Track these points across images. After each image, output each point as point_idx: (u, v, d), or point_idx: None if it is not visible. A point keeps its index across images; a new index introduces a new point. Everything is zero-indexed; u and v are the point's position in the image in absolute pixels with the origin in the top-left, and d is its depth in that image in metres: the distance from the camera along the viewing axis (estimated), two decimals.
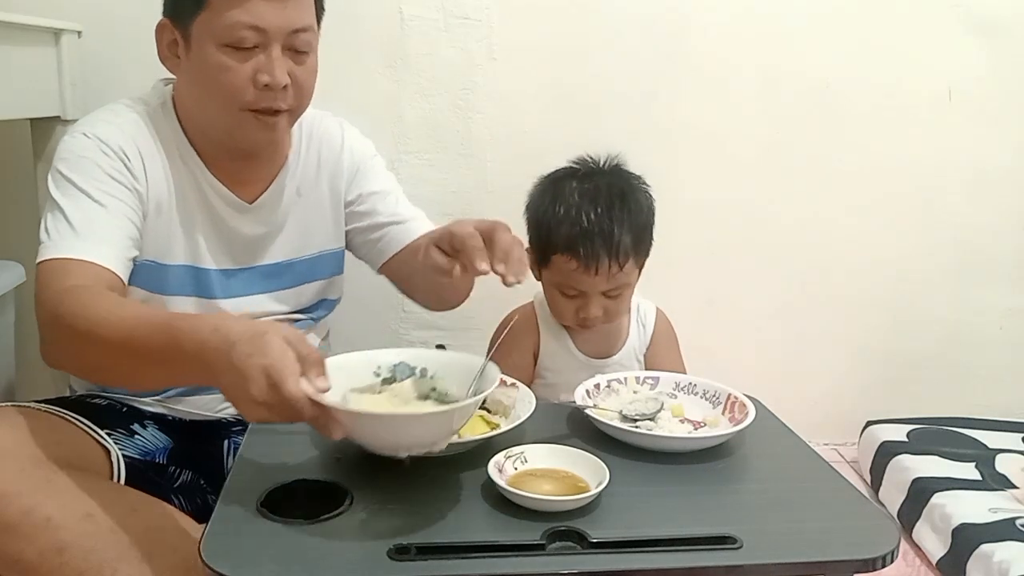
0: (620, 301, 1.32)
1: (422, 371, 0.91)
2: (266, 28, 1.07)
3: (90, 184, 1.08)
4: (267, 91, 1.09)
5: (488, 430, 1.01)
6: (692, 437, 1.04)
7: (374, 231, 1.33)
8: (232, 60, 1.08)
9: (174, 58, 1.13)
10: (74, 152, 1.10)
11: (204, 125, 1.17)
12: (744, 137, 1.78)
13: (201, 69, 1.09)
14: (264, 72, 1.08)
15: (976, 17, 1.78)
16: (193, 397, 1.23)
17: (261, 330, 0.78)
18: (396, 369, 0.91)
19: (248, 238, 1.23)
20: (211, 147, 1.18)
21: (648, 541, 0.82)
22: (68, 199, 1.07)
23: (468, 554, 0.79)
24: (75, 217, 1.05)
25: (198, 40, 1.08)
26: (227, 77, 1.08)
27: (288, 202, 1.26)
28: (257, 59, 1.08)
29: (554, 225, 1.28)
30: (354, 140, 1.34)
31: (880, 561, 0.81)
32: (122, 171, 1.11)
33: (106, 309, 0.93)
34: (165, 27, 1.12)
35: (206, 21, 1.07)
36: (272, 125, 1.13)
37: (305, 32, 1.11)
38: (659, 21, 1.70)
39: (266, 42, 1.08)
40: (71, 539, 0.89)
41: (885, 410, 1.90)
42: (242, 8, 1.05)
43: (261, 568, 0.76)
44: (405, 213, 1.34)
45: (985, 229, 1.90)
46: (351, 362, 0.92)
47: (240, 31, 1.06)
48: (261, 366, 0.76)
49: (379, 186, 1.34)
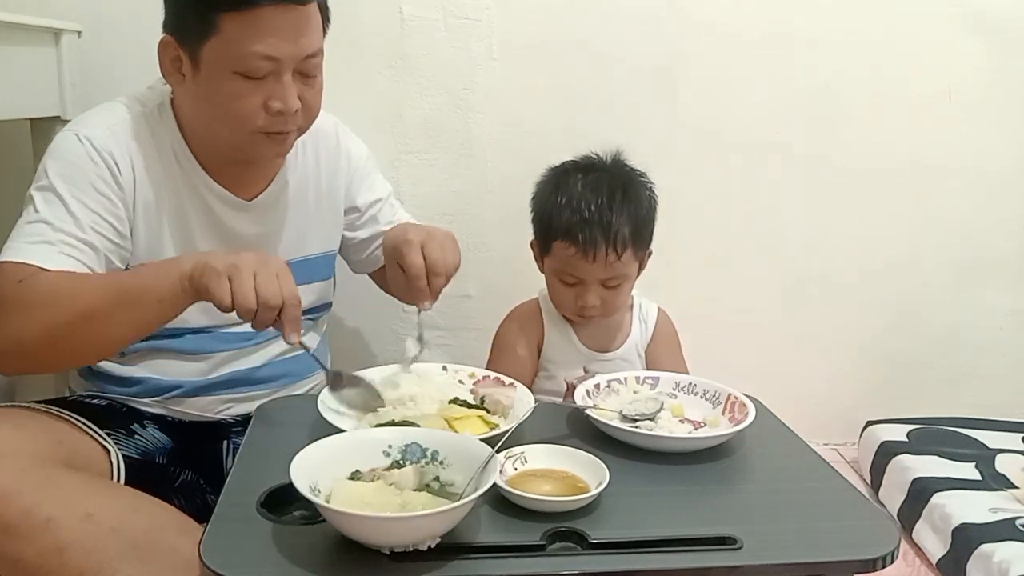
0: (618, 293, 1.33)
1: (433, 454, 0.89)
2: (280, 58, 1.07)
3: (71, 192, 1.08)
4: (279, 116, 1.09)
5: (487, 430, 1.01)
6: (692, 437, 1.04)
7: (375, 240, 1.36)
8: (244, 88, 1.07)
9: (177, 75, 1.11)
10: (63, 154, 1.10)
11: (208, 138, 1.17)
12: (744, 137, 1.78)
13: (210, 93, 1.09)
14: (276, 99, 1.08)
15: (976, 17, 1.77)
16: (193, 399, 1.23)
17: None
18: (406, 451, 0.89)
19: (245, 238, 1.23)
20: (211, 152, 1.18)
21: (648, 541, 0.82)
22: (46, 204, 1.07)
23: (468, 555, 0.79)
24: (46, 224, 1.05)
25: (208, 64, 1.07)
26: (239, 104, 1.08)
27: (286, 201, 1.26)
28: (268, 86, 1.08)
29: (555, 213, 1.31)
30: (350, 142, 1.35)
31: (880, 561, 0.81)
32: (107, 180, 1.10)
33: (71, 275, 1.04)
34: (169, 44, 1.10)
35: (217, 47, 1.06)
36: (281, 142, 1.14)
37: (315, 57, 1.11)
38: (660, 21, 1.70)
39: (278, 70, 1.07)
40: (71, 539, 0.89)
41: (885, 410, 1.90)
42: (257, 39, 1.05)
43: (261, 568, 0.76)
44: (399, 218, 1.38)
45: (985, 229, 1.90)
46: (361, 440, 0.90)
47: (254, 61, 1.05)
48: (277, 261, 0.99)
49: (378, 193, 1.38)
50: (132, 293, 1.00)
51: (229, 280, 0.95)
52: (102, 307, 1.00)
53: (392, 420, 1.02)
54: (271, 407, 1.14)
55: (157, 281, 1.00)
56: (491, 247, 1.75)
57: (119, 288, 1.01)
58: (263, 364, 1.27)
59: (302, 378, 1.33)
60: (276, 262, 0.99)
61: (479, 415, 1.05)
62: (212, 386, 1.24)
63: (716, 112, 1.76)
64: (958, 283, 1.92)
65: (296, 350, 1.31)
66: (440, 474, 0.88)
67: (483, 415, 1.06)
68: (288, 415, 1.10)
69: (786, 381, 1.73)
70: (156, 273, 1.01)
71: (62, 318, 0.99)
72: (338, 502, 0.79)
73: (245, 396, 1.26)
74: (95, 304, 0.99)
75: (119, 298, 1.00)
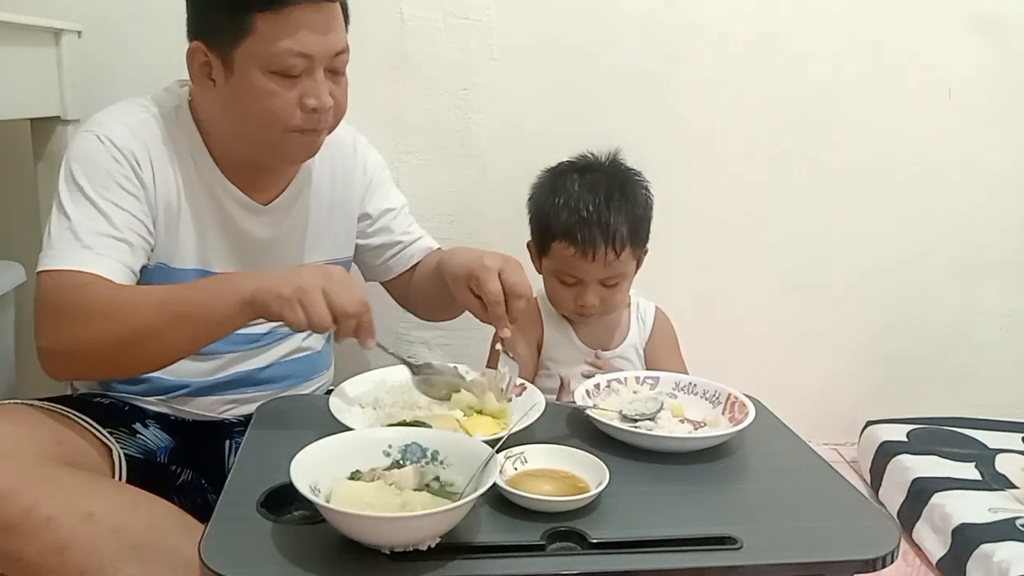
0: (617, 291, 1.34)
1: (433, 454, 0.89)
2: (313, 55, 1.08)
3: (99, 193, 1.08)
4: (313, 114, 1.10)
5: (499, 431, 1.00)
6: (692, 437, 1.04)
7: (387, 249, 1.38)
8: (279, 86, 1.08)
9: (207, 80, 1.11)
10: (86, 155, 1.10)
11: (232, 141, 1.17)
12: (744, 137, 1.78)
13: (244, 94, 1.09)
14: (311, 96, 1.09)
15: (976, 17, 1.78)
16: (199, 398, 1.24)
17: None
18: (406, 451, 0.89)
19: (259, 241, 1.23)
20: (230, 156, 1.18)
21: (648, 541, 0.82)
22: (76, 207, 1.07)
23: (468, 555, 0.79)
24: (81, 227, 1.06)
25: (242, 66, 1.08)
26: (275, 102, 1.08)
27: (300, 206, 1.27)
28: (302, 84, 1.09)
29: (554, 214, 1.32)
30: (368, 152, 1.37)
31: (880, 561, 0.81)
32: (131, 178, 1.11)
33: (126, 288, 1.05)
34: (197, 51, 1.10)
35: (251, 48, 1.06)
36: (314, 140, 1.15)
37: (344, 53, 1.13)
38: (659, 21, 1.70)
39: (311, 67, 1.08)
40: (72, 538, 0.89)
41: (885, 410, 1.90)
42: (291, 37, 1.05)
43: (261, 568, 0.76)
44: (414, 231, 1.41)
45: (985, 229, 1.90)
46: (361, 440, 0.90)
47: (289, 59, 1.06)
48: (338, 271, 1.01)
49: (393, 203, 1.39)
50: (188, 314, 1.02)
51: (300, 304, 0.96)
52: (157, 325, 1.01)
53: (403, 420, 1.02)
54: (271, 407, 1.14)
55: (213, 303, 1.01)
56: (491, 247, 1.71)
57: (175, 308, 1.02)
58: (268, 365, 1.28)
59: (307, 379, 1.34)
60: (338, 272, 1.01)
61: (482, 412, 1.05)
62: (218, 386, 1.24)
63: (716, 112, 1.76)
64: (958, 283, 1.93)
65: (303, 351, 1.32)
66: (440, 474, 0.88)
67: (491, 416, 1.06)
68: (289, 415, 1.10)
69: (786, 381, 1.73)
70: (212, 294, 1.02)
71: (118, 332, 1.00)
72: (338, 502, 0.79)
73: (250, 396, 1.26)
74: (150, 322, 1.01)
75: (175, 318, 1.01)
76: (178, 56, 1.13)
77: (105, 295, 1.03)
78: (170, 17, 1.15)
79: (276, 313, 0.98)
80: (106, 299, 1.02)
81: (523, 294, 1.12)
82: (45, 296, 1.04)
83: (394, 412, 1.05)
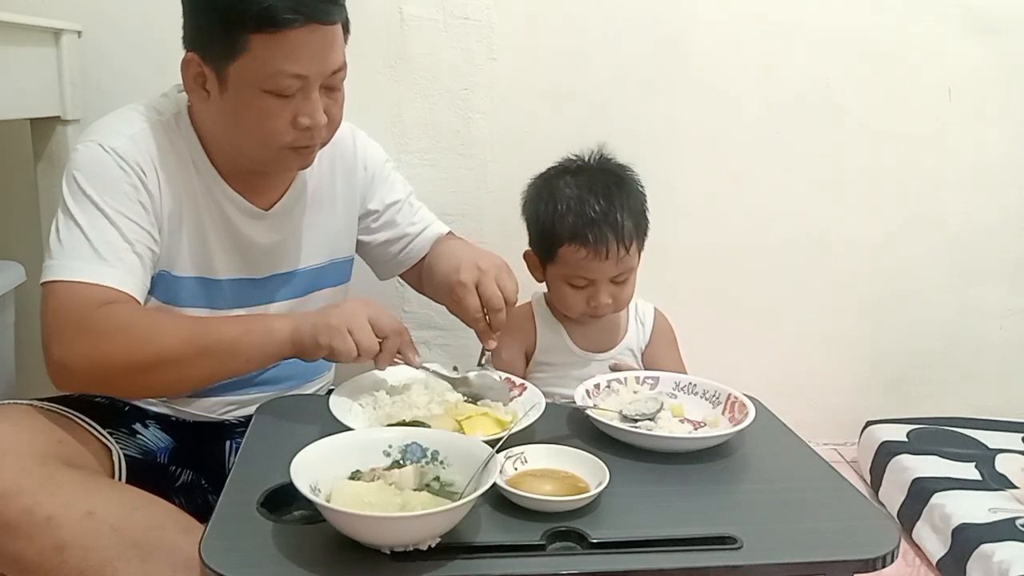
0: (626, 287, 1.34)
1: (433, 454, 0.89)
2: (308, 76, 1.06)
3: (107, 203, 1.07)
4: (307, 131, 1.10)
5: (498, 430, 1.01)
6: (692, 437, 1.04)
7: (394, 243, 1.37)
8: (273, 105, 1.07)
9: (201, 91, 1.10)
10: (92, 165, 1.08)
11: (230, 150, 1.16)
12: (744, 137, 1.78)
13: (238, 110, 1.08)
14: (304, 115, 1.08)
15: (976, 17, 1.78)
16: (200, 399, 1.24)
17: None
18: (406, 451, 0.89)
19: (262, 246, 1.23)
20: (230, 162, 1.18)
21: (648, 541, 0.82)
22: (86, 217, 1.06)
23: (468, 555, 0.79)
24: (94, 238, 1.05)
25: (236, 83, 1.06)
26: (269, 122, 1.08)
27: (302, 209, 1.26)
28: (296, 103, 1.08)
29: (558, 219, 1.31)
30: (367, 146, 1.35)
31: (880, 561, 0.81)
32: (138, 188, 1.10)
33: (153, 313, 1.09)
34: (192, 62, 1.09)
35: (246, 66, 1.05)
36: (307, 156, 1.15)
37: (341, 71, 1.11)
38: (659, 21, 1.70)
39: (306, 87, 1.07)
40: (71, 537, 0.89)
41: (885, 410, 1.90)
42: (286, 59, 1.04)
43: (261, 568, 0.76)
44: (419, 220, 1.39)
45: (985, 229, 1.90)
46: (361, 440, 0.90)
47: (284, 80, 1.05)
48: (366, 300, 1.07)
49: (396, 195, 1.37)
50: (215, 348, 1.03)
51: (349, 331, 1.02)
52: (181, 356, 1.02)
53: (403, 420, 1.02)
54: (272, 407, 1.14)
55: (247, 341, 1.03)
56: (491, 247, 1.73)
57: (202, 341, 1.03)
58: (271, 366, 1.27)
59: (307, 379, 1.34)
60: (367, 302, 1.08)
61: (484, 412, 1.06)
62: (220, 387, 1.23)
63: (716, 112, 1.76)
64: (958, 283, 1.92)
65: None
66: (440, 474, 0.88)
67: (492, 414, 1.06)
68: (289, 415, 1.10)
69: (786, 381, 1.73)
70: (245, 332, 1.04)
71: (140, 358, 1.00)
72: (338, 502, 0.79)
73: (251, 398, 1.26)
74: (174, 351, 1.01)
75: (201, 351, 1.02)
76: (179, 57, 1.12)
77: (131, 317, 1.02)
78: (170, 17, 1.15)
79: (325, 344, 1.02)
80: (131, 322, 1.02)
81: (499, 307, 1.13)
82: (60, 308, 1.01)
83: (394, 412, 1.05)
